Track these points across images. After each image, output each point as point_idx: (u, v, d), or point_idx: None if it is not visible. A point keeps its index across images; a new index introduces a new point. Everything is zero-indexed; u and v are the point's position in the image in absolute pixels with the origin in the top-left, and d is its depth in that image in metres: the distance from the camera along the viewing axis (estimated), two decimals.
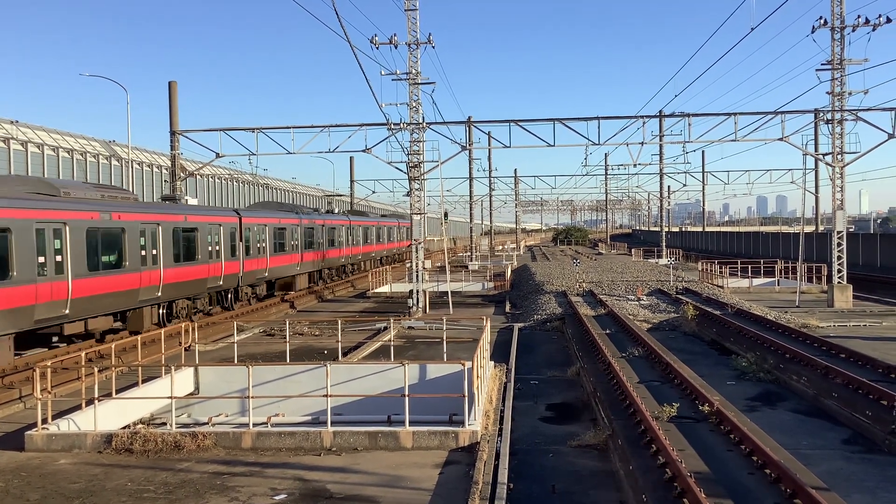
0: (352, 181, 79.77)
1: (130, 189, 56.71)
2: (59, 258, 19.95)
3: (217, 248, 29.66)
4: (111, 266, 22.43)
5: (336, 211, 55.20)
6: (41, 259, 19.24)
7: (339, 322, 20.09)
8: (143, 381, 16.09)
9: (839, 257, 33.37)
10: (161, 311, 26.04)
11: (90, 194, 23.36)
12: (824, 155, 34.32)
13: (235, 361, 19.20)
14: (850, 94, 32.26)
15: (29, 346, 21.23)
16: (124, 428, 13.71)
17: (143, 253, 24.24)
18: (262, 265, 34.58)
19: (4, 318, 17.91)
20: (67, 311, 20.21)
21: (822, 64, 32.29)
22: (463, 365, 13.75)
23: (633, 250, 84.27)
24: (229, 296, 32.11)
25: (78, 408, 14.25)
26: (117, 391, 14.96)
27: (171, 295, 26.11)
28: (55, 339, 21.80)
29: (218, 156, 36.47)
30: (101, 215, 22.20)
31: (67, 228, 20.35)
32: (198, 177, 65.76)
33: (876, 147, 33.19)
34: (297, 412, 16.23)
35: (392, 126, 33.07)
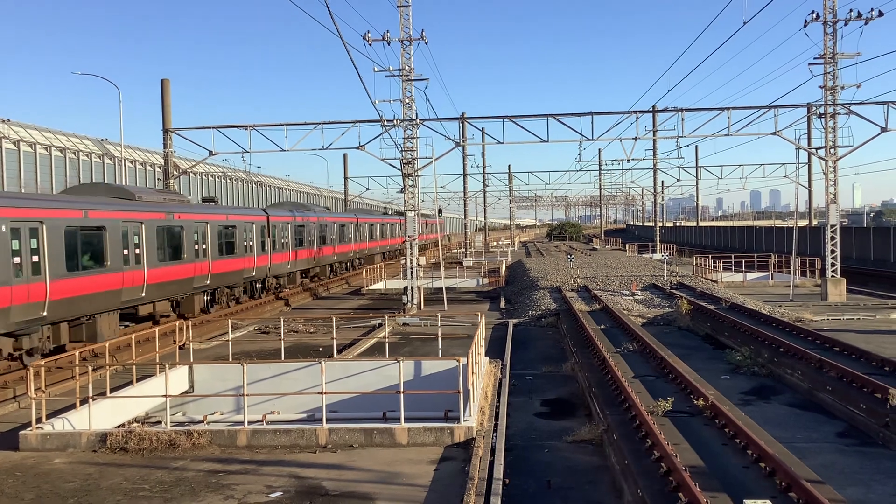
0: (346, 178, 79.69)
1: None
2: (137, 251, 23.90)
3: (251, 243, 33.60)
4: (173, 258, 26.32)
5: (328, 209, 55.84)
6: (125, 252, 23.12)
7: (334, 319, 20.07)
8: (138, 380, 16.06)
9: (832, 251, 33.46)
10: (206, 297, 30.11)
11: (156, 198, 27.15)
12: (817, 149, 34.39)
13: (230, 359, 19.18)
14: (842, 88, 32.33)
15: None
16: (119, 427, 13.69)
17: (196, 247, 28.18)
18: (286, 258, 38.50)
19: (114, 297, 22.42)
20: (143, 295, 24.34)
21: (814, 58, 32.35)
22: (458, 361, 13.74)
23: (627, 245, 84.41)
24: (257, 285, 35.99)
25: (72, 407, 14.22)
26: (112, 390, 14.92)
27: (217, 283, 30.28)
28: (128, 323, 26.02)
29: (211, 153, 36.41)
30: (167, 216, 26.17)
31: (143, 227, 24.36)
32: (191, 175, 65.57)
33: (869, 141, 33.31)
34: (292, 410, 16.22)
35: (385, 123, 33.04)
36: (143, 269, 24.13)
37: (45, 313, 18.98)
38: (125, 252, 23.08)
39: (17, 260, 18.07)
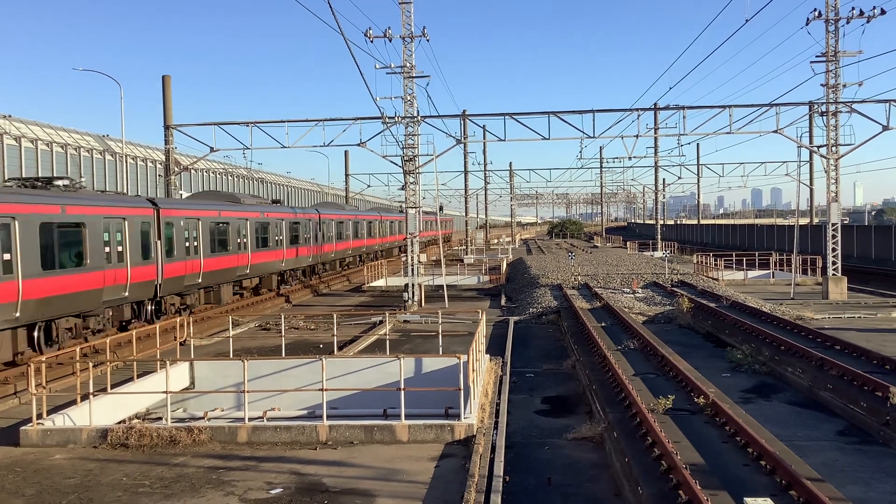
0: (347, 175, 79.64)
1: (125, 184, 56.57)
2: (245, 240, 32.97)
3: (307, 236, 42.20)
4: (265, 245, 35.35)
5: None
6: (238, 241, 32.30)
7: (335, 316, 20.07)
8: (139, 376, 16.07)
9: (834, 249, 33.44)
10: (277, 277, 38.13)
11: (251, 202, 36.71)
12: (819, 147, 34.34)
13: (231, 356, 19.18)
14: (844, 86, 32.29)
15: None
16: (120, 423, 13.68)
17: (277, 238, 36.96)
18: (329, 249, 47.13)
19: (231, 273, 31.78)
20: (248, 272, 33.71)
21: (816, 56, 32.32)
22: (458, 358, 13.74)
23: (628, 243, 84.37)
24: (306, 270, 43.83)
25: (73, 403, 14.23)
26: (112, 386, 14.92)
27: (289, 266, 39.55)
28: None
29: (212, 150, 36.39)
30: (260, 215, 34.96)
31: (248, 223, 33.36)
32: (192, 171, 65.58)
33: (870, 139, 33.24)
34: (292, 406, 16.22)
35: (387, 120, 33.01)
36: (248, 254, 33.19)
37: (199, 281, 28.68)
38: (238, 241, 32.17)
39: (188, 244, 27.90)
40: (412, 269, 33.46)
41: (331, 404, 14.36)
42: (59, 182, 22.05)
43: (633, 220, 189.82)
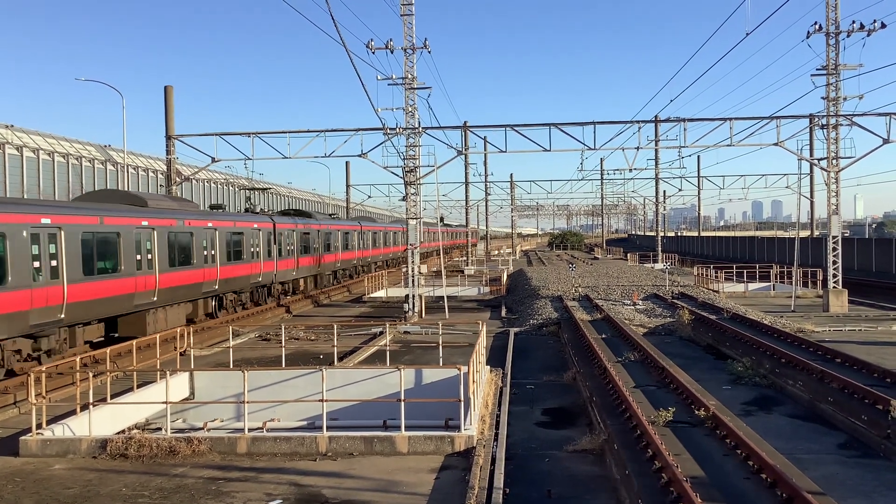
0: (348, 186, 79.75)
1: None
2: (291, 247, 38.35)
3: (336, 244, 47.97)
4: (309, 252, 41.45)
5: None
6: (289, 248, 38.30)
7: (335, 326, 20.06)
8: (139, 386, 16.05)
9: (834, 262, 33.44)
10: (314, 279, 44.42)
11: (323, 217, 46.36)
12: (819, 160, 34.39)
13: (231, 366, 19.16)
14: (845, 99, 32.36)
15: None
16: (119, 433, 13.66)
17: (316, 245, 42.70)
18: (354, 255, 53.32)
19: (305, 271, 40.71)
20: (295, 275, 39.58)
21: (817, 69, 32.38)
22: (459, 369, 13.72)
23: (628, 255, 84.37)
24: (335, 274, 49.24)
25: (73, 413, 14.20)
26: (112, 396, 14.89)
27: (337, 268, 48.22)
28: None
29: (214, 160, 36.46)
30: (304, 225, 40.37)
31: (295, 234, 38.75)
32: (193, 181, 65.69)
33: (871, 152, 33.32)
34: (292, 417, 16.20)
35: (388, 131, 33.09)
36: (295, 259, 38.73)
37: (272, 278, 34.88)
38: (336, 244, 43.34)
39: (277, 248, 35.70)
40: (413, 280, 33.46)
41: (331, 415, 14.33)
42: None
43: (633, 232, 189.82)
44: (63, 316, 19.93)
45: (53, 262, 19.72)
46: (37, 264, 19.01)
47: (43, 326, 19.21)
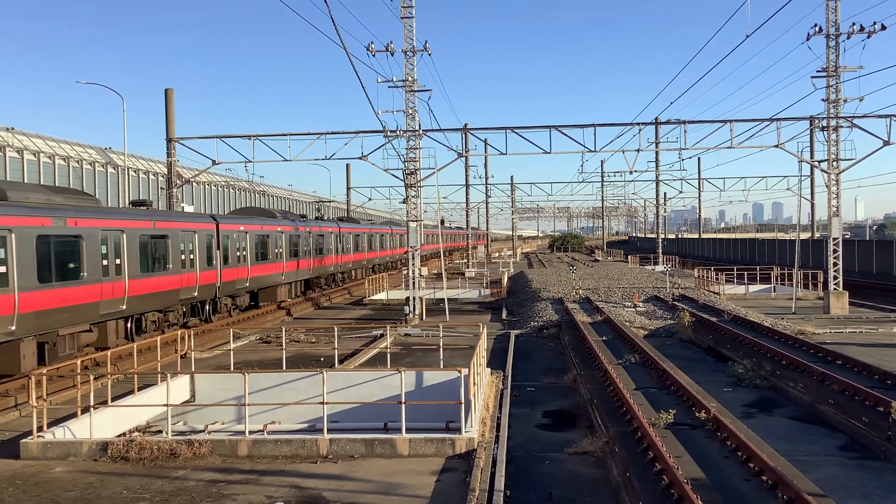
0: (348, 188, 79.79)
1: (127, 197, 56.74)
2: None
3: (364, 244, 55.72)
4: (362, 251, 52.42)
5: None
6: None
7: (336, 329, 20.06)
8: (139, 389, 16.05)
9: (835, 264, 33.43)
10: (340, 274, 51.36)
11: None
12: (820, 162, 34.40)
13: (231, 369, 19.17)
14: (845, 101, 32.36)
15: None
16: (120, 436, 13.67)
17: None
18: (374, 255, 60.41)
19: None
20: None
21: (817, 71, 32.38)
22: (459, 372, 13.73)
23: (629, 257, 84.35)
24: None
25: (74, 416, 14.21)
26: (113, 399, 14.91)
27: (352, 267, 53.44)
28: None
29: (214, 163, 36.49)
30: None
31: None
32: (194, 184, 65.72)
33: (871, 154, 33.29)
34: (293, 419, 16.20)
35: (388, 133, 33.10)
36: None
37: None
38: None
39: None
40: (413, 283, 33.47)
41: (331, 418, 14.33)
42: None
43: (634, 234, 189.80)
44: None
45: None
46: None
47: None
